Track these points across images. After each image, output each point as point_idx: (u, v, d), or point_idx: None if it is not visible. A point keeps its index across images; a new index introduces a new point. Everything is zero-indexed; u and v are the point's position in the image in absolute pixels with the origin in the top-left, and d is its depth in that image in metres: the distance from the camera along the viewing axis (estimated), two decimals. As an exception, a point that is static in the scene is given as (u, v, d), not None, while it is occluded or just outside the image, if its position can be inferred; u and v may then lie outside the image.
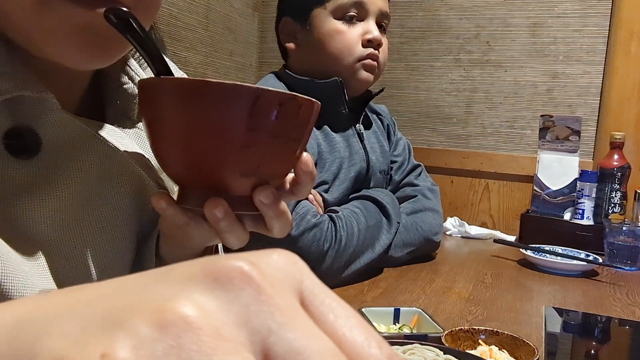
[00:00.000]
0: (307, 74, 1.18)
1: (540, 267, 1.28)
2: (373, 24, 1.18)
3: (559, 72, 1.81)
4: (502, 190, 1.89)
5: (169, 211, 0.46)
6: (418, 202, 1.28)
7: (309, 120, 0.43)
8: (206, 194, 0.42)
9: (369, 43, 1.17)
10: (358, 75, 1.19)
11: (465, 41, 1.90)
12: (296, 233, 0.98)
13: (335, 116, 1.19)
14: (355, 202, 1.13)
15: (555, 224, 1.56)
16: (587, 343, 0.94)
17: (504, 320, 0.91)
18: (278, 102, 0.39)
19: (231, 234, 0.46)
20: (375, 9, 1.18)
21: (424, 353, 0.61)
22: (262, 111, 0.38)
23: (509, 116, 1.87)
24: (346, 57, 1.16)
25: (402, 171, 1.38)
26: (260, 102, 0.38)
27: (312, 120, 0.43)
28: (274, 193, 0.44)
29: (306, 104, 0.41)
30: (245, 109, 0.38)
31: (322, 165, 1.14)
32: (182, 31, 1.68)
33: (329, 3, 1.16)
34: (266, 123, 0.39)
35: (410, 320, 0.79)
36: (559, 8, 1.79)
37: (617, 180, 1.54)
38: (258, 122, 0.39)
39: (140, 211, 0.56)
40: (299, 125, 0.42)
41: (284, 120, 0.40)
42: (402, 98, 1.98)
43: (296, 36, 1.21)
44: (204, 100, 0.38)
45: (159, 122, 0.41)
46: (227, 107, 0.38)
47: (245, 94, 0.38)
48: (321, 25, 1.16)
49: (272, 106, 0.39)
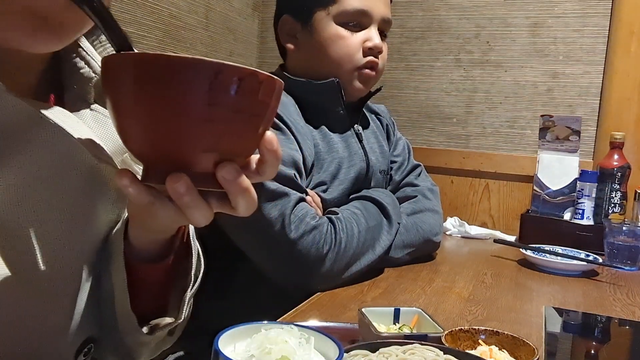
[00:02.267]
0: (305, 75, 1.18)
1: (540, 267, 1.28)
2: (375, 31, 1.18)
3: (559, 72, 1.81)
4: (502, 190, 1.89)
5: (132, 189, 0.45)
6: (418, 203, 1.28)
7: (271, 97, 0.43)
8: (168, 170, 0.42)
9: (369, 51, 1.17)
10: (353, 84, 1.19)
11: (465, 41, 1.90)
12: (295, 236, 0.98)
13: (333, 117, 1.19)
14: (355, 203, 1.13)
15: (555, 224, 1.56)
16: (587, 343, 0.94)
17: (504, 320, 0.91)
18: (238, 77, 0.39)
19: (195, 210, 0.45)
20: (378, 17, 1.17)
21: (424, 353, 0.61)
22: (222, 86, 0.39)
23: (509, 116, 1.87)
24: (346, 64, 1.16)
25: (402, 171, 1.38)
26: (221, 77, 0.39)
27: (275, 97, 0.44)
28: (236, 169, 0.44)
29: (267, 81, 0.42)
30: (205, 83, 0.38)
31: (320, 165, 1.14)
32: (182, 31, 1.68)
33: (332, 7, 1.15)
34: (227, 98, 0.39)
35: (410, 320, 0.79)
36: (559, 8, 1.79)
37: (617, 180, 1.54)
38: (218, 96, 0.39)
39: (92, 194, 0.56)
40: (261, 102, 0.42)
41: (245, 95, 0.40)
42: (402, 98, 1.98)
43: (296, 36, 1.20)
44: (165, 74, 0.38)
45: (122, 97, 0.41)
46: (187, 81, 0.38)
47: (205, 69, 0.38)
48: (323, 28, 1.16)
49: (232, 81, 0.39)
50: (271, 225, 0.98)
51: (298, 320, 0.83)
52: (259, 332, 0.54)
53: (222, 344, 0.52)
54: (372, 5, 1.16)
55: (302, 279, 1.00)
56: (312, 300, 0.96)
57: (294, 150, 1.05)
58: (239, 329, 0.55)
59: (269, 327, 0.55)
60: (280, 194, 0.99)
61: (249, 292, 1.09)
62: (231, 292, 1.08)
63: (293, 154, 1.04)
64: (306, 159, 1.08)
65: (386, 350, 0.61)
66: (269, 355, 0.51)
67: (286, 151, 1.03)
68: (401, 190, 1.35)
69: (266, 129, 0.45)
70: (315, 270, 0.99)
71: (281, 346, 0.52)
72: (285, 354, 0.51)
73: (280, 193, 0.99)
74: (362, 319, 0.75)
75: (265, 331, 0.54)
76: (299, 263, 0.99)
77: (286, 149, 1.03)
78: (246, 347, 0.54)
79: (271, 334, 0.53)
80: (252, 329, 0.56)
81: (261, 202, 0.99)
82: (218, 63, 0.39)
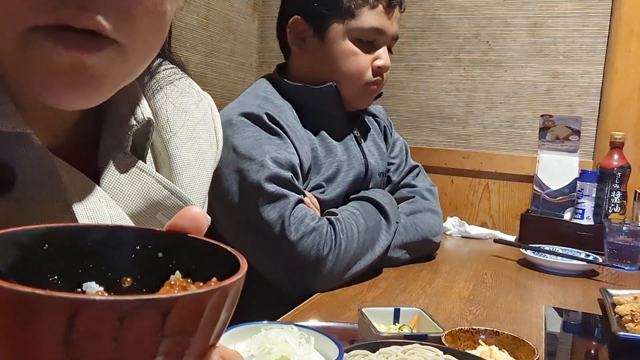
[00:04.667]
0: (305, 79, 1.17)
1: (540, 267, 1.28)
2: (385, 50, 1.18)
3: (559, 72, 1.81)
4: (502, 190, 1.89)
5: None
6: (416, 203, 1.28)
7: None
8: None
9: (378, 69, 1.17)
10: (361, 100, 1.21)
11: (465, 41, 1.90)
12: (295, 238, 0.98)
13: (332, 121, 1.19)
14: (354, 204, 1.13)
15: (555, 223, 1.56)
16: (587, 343, 0.94)
17: (504, 320, 0.91)
18: (117, 317, 0.23)
19: None
20: (390, 35, 1.18)
21: (424, 353, 0.61)
22: (86, 332, 0.23)
23: (509, 116, 1.87)
24: (355, 81, 1.17)
25: (399, 172, 1.38)
26: (81, 319, 0.23)
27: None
28: None
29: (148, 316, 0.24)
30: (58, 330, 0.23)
31: (318, 169, 1.14)
32: (182, 31, 1.68)
33: (350, 21, 1.14)
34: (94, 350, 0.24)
35: (410, 320, 0.79)
36: (559, 8, 1.79)
37: (617, 180, 1.54)
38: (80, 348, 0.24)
39: None
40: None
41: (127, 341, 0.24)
42: (402, 98, 1.98)
43: (305, 40, 1.18)
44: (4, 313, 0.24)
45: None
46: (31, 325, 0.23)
47: (57, 308, 0.23)
48: (337, 41, 1.15)
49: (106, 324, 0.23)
50: (270, 228, 0.98)
51: (298, 320, 0.83)
52: (259, 332, 0.55)
53: (222, 344, 0.52)
54: (387, 25, 1.16)
55: (303, 281, 1.00)
56: (312, 300, 0.96)
57: (291, 154, 1.05)
58: (239, 329, 0.56)
59: (269, 327, 0.55)
60: (279, 196, 0.99)
61: (246, 294, 1.09)
62: None
63: (290, 157, 1.04)
64: (303, 162, 1.08)
65: (386, 350, 0.61)
66: (269, 355, 0.51)
67: (283, 154, 1.03)
68: (399, 191, 1.35)
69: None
70: (316, 271, 0.99)
71: (281, 346, 0.52)
72: (285, 354, 0.52)
73: (279, 195, 0.99)
74: (362, 319, 0.75)
75: (265, 331, 0.54)
76: (300, 265, 0.99)
77: (283, 152, 1.03)
78: (246, 347, 0.54)
79: (271, 334, 0.53)
80: (252, 329, 0.56)
81: (259, 205, 0.99)
82: (75, 299, 0.23)
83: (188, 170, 0.57)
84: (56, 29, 0.39)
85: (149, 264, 0.32)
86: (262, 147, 1.02)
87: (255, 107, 1.07)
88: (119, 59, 0.43)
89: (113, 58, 0.42)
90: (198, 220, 0.32)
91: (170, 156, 0.56)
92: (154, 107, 0.57)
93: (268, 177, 0.99)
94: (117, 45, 0.42)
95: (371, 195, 1.16)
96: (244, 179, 1.00)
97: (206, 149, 0.61)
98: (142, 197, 0.53)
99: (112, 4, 0.40)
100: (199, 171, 0.58)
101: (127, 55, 0.43)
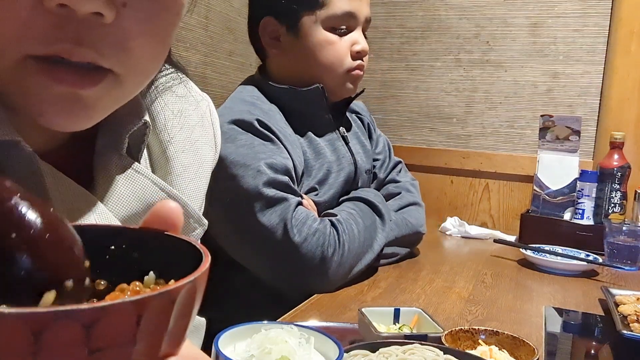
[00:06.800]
0: (288, 79, 1.17)
1: (540, 267, 1.28)
2: (361, 33, 1.19)
3: (559, 72, 1.81)
4: (502, 190, 1.89)
5: None
6: (403, 199, 1.30)
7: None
8: None
9: (357, 54, 1.17)
10: (345, 87, 1.20)
11: (465, 41, 1.90)
12: (299, 239, 0.97)
13: (318, 121, 1.19)
14: (349, 204, 1.14)
15: (555, 224, 1.55)
16: (587, 343, 0.94)
17: (504, 320, 0.91)
18: (31, 332, 0.21)
19: None
20: (362, 18, 1.18)
21: (424, 353, 0.61)
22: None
23: (509, 116, 1.87)
24: (336, 69, 1.16)
25: (384, 169, 1.39)
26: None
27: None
28: None
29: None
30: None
31: (309, 172, 1.14)
32: (182, 31, 1.68)
33: (320, 11, 1.13)
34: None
35: (410, 320, 0.79)
36: (559, 8, 1.79)
37: (617, 180, 1.54)
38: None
39: None
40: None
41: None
42: (402, 98, 1.98)
43: (279, 39, 1.17)
44: None
45: None
46: None
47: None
48: (311, 34, 1.14)
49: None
50: (272, 232, 0.98)
51: (298, 321, 0.83)
52: (259, 332, 0.55)
53: (222, 344, 0.52)
54: (359, 7, 1.16)
55: (307, 283, 1.00)
56: (312, 301, 0.96)
57: (286, 159, 1.05)
58: (239, 329, 0.56)
59: (269, 327, 0.55)
60: (279, 200, 0.98)
61: (245, 297, 1.09)
62: (226, 299, 1.07)
63: (285, 162, 1.04)
64: (296, 166, 1.08)
65: (386, 350, 0.61)
66: (269, 355, 0.51)
67: (278, 159, 1.02)
68: (385, 187, 1.36)
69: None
70: (321, 273, 0.99)
71: (281, 346, 0.52)
72: (285, 354, 0.51)
73: (279, 198, 0.99)
74: (362, 319, 0.75)
75: (265, 331, 0.54)
76: (304, 267, 0.98)
77: (278, 157, 1.03)
78: (246, 347, 0.54)
79: (271, 334, 0.53)
80: (252, 329, 0.56)
81: (259, 210, 0.98)
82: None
83: (186, 173, 0.57)
84: (52, 61, 0.39)
85: (124, 264, 0.30)
86: (256, 154, 1.01)
87: (245, 114, 1.06)
88: (115, 87, 0.43)
89: (109, 88, 0.42)
90: (173, 215, 0.31)
91: (169, 159, 0.56)
92: (152, 111, 0.57)
93: (266, 182, 0.98)
94: (114, 75, 0.42)
95: (363, 195, 1.16)
96: (240, 186, 0.99)
97: (204, 151, 0.61)
98: (138, 199, 0.52)
99: (108, 39, 0.40)
100: (197, 174, 0.59)
101: (124, 83, 0.43)
